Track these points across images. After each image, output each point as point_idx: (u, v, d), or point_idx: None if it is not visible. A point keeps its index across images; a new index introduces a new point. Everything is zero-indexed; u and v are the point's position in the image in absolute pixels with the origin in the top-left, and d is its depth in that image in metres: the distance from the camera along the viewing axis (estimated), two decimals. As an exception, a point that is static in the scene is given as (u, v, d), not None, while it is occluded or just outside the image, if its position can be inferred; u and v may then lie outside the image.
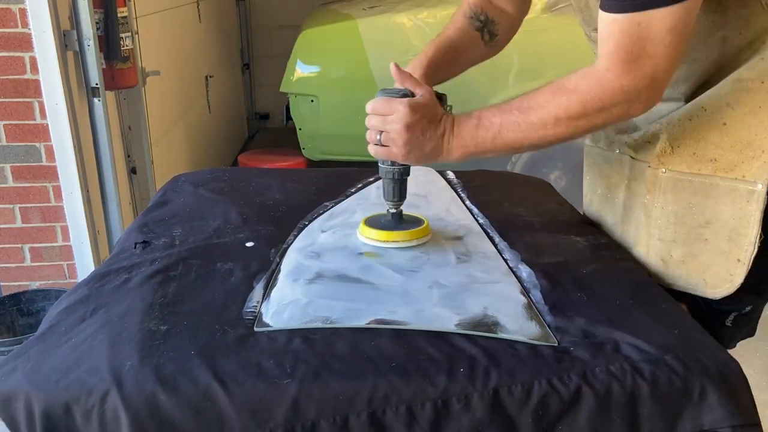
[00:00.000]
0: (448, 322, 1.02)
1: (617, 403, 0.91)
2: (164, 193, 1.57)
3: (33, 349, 0.95)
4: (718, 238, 1.19)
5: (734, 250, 1.17)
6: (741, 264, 1.17)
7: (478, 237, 1.34)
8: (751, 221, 1.14)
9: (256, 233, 1.31)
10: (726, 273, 1.19)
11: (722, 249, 1.19)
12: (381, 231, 1.27)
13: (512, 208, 1.50)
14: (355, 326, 1.00)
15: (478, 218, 1.45)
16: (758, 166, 1.13)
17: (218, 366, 0.89)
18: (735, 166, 1.15)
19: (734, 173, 1.15)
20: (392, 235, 1.26)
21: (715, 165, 1.17)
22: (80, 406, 0.86)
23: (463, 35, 1.40)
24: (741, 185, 1.15)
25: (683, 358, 0.94)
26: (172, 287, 1.09)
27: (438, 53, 1.36)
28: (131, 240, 1.28)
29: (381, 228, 1.27)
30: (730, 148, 1.15)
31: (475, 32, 1.41)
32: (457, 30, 1.41)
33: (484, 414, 0.89)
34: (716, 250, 1.19)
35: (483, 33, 1.42)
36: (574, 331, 1.01)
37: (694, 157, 1.19)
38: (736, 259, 1.17)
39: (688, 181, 1.20)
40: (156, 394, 0.85)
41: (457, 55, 1.40)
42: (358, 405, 0.87)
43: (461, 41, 1.40)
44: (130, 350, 0.91)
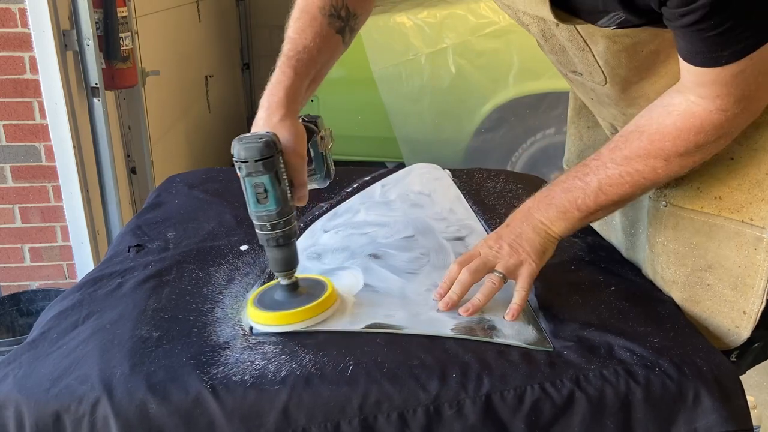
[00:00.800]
0: (444, 326, 1.01)
1: (610, 408, 0.90)
2: (158, 194, 1.56)
3: (24, 355, 0.95)
4: (722, 285, 1.09)
5: (740, 301, 1.07)
6: (747, 317, 1.07)
7: (479, 238, 1.33)
8: (759, 271, 1.04)
9: (250, 236, 1.31)
10: (731, 324, 1.09)
11: (726, 298, 1.09)
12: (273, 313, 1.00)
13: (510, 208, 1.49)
14: (351, 330, 1.00)
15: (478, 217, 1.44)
16: (767, 210, 1.04)
17: (209, 373, 0.89)
18: (742, 207, 1.06)
19: (740, 215, 1.06)
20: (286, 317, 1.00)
21: (720, 204, 1.08)
22: (71, 415, 0.85)
23: (323, 44, 1.14)
24: (748, 230, 1.05)
25: (678, 362, 0.94)
26: (166, 292, 1.09)
27: (297, 78, 1.09)
28: (125, 243, 1.28)
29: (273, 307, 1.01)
30: (738, 186, 1.06)
31: (336, 36, 1.18)
32: (316, 38, 1.13)
33: (477, 420, 0.88)
34: (720, 297, 1.09)
35: (344, 33, 1.19)
36: (568, 334, 1.00)
37: (698, 192, 1.10)
38: (742, 310, 1.07)
39: (690, 219, 1.12)
40: (146, 403, 0.85)
41: (318, 72, 1.15)
42: (349, 411, 0.87)
43: (320, 53, 1.14)
44: (122, 358, 0.91)
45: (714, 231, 1.09)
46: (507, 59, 3.18)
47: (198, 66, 4.11)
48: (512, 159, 3.32)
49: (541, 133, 3.27)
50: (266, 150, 0.93)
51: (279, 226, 0.97)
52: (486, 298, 1.05)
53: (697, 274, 1.12)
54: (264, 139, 0.93)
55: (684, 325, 1.06)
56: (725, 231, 1.07)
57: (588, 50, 1.08)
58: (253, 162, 0.93)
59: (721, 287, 1.09)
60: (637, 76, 1.09)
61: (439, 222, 1.39)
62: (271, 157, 0.93)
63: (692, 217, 1.11)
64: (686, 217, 1.12)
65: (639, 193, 1.04)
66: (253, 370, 0.90)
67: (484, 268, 1.06)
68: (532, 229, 1.07)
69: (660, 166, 1.00)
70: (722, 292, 1.09)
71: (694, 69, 0.93)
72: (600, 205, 1.05)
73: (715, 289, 1.10)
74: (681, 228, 1.13)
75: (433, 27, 3.15)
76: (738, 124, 0.97)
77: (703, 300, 1.12)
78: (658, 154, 0.99)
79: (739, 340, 1.09)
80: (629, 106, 1.16)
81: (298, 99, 1.08)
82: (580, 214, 1.06)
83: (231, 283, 1.13)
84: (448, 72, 3.22)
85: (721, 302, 1.10)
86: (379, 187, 1.61)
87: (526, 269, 1.06)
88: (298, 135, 1.01)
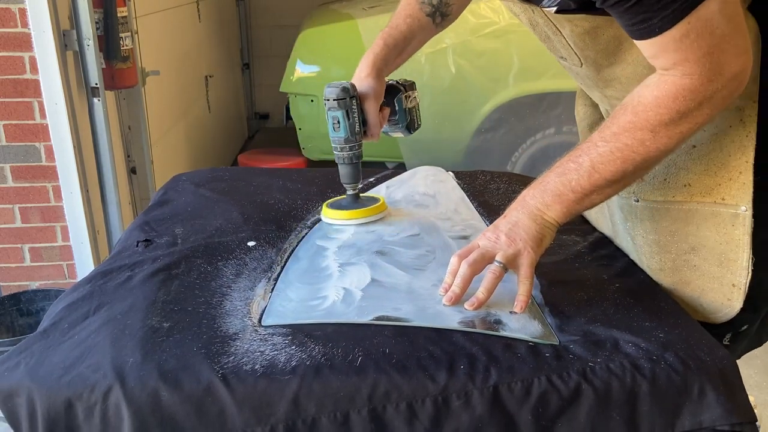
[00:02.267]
0: (450, 319, 1.02)
1: (617, 401, 0.91)
2: (165, 192, 1.57)
3: (36, 344, 0.96)
4: (708, 263, 1.13)
5: (727, 275, 1.11)
6: (737, 289, 1.11)
7: None
8: (740, 245, 1.09)
9: (257, 232, 1.32)
10: (723, 299, 1.13)
11: (714, 274, 1.13)
12: (341, 211, 1.37)
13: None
14: (359, 322, 1.01)
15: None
16: (738, 188, 1.07)
17: (220, 362, 0.89)
18: (712, 190, 1.10)
19: (712, 196, 1.10)
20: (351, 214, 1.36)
21: (691, 190, 1.12)
22: (82, 402, 0.86)
23: (412, 24, 1.35)
24: (722, 209, 1.09)
25: (683, 356, 0.95)
26: (175, 285, 1.10)
27: (386, 48, 1.33)
28: (133, 238, 1.28)
29: (340, 209, 1.38)
30: (704, 171, 1.10)
31: (426, 18, 1.36)
32: (407, 19, 1.35)
33: (484, 411, 0.89)
34: (708, 275, 1.14)
35: (435, 17, 1.37)
36: (573, 329, 1.01)
37: (666, 183, 1.14)
38: (731, 283, 1.11)
39: (665, 209, 1.16)
40: (158, 391, 0.86)
41: (406, 45, 1.36)
42: (358, 401, 0.88)
43: (410, 31, 1.35)
44: (133, 347, 0.92)
45: (690, 216, 1.13)
46: (507, 59, 3.18)
47: (198, 66, 4.12)
48: (512, 159, 3.33)
49: (541, 133, 3.27)
50: (341, 93, 1.26)
51: (346, 149, 1.30)
52: (488, 289, 1.05)
53: (683, 258, 1.16)
54: (342, 86, 1.26)
55: (687, 319, 1.07)
56: (701, 214, 1.11)
57: (560, 34, 1.14)
58: (331, 100, 1.26)
59: (707, 266, 1.13)
60: (605, 59, 1.13)
61: (444, 221, 1.40)
62: (344, 98, 1.26)
63: (667, 207, 1.15)
64: (660, 208, 1.16)
65: (632, 169, 1.02)
66: (263, 359, 0.90)
67: (483, 259, 1.06)
68: (528, 216, 1.07)
69: (648, 138, 1.00)
70: (709, 270, 1.13)
71: (642, 44, 0.97)
72: (594, 185, 1.04)
73: (702, 269, 1.14)
74: (657, 219, 1.17)
75: (433, 27, 3.16)
76: (716, 89, 0.96)
77: (692, 280, 1.16)
78: (644, 125, 0.99)
79: (733, 312, 1.13)
80: (606, 88, 1.20)
81: (383, 64, 1.32)
82: (574, 196, 1.05)
83: (239, 277, 1.14)
84: (448, 72, 3.22)
85: (710, 279, 1.13)
86: (384, 188, 1.61)
87: (525, 258, 1.06)
88: (374, 88, 1.29)
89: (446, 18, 1.39)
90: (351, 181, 1.35)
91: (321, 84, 3.55)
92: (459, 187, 1.62)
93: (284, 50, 3.67)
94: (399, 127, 1.41)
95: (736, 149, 1.07)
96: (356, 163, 1.32)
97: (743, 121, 1.07)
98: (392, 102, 1.36)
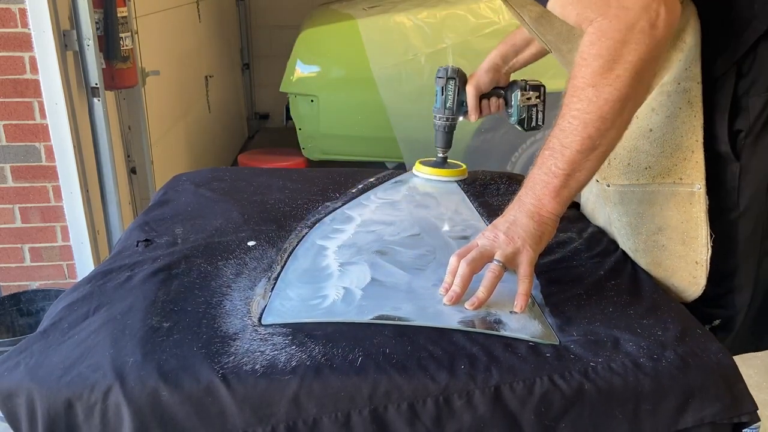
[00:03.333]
0: (450, 319, 1.02)
1: (619, 400, 0.91)
2: (165, 192, 1.57)
3: (35, 345, 0.95)
4: (674, 242, 1.18)
5: (690, 253, 1.17)
6: (700, 266, 1.16)
7: None
8: (698, 222, 1.14)
9: (257, 232, 1.31)
10: (689, 276, 1.18)
11: (680, 253, 1.18)
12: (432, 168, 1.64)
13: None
14: (358, 321, 1.01)
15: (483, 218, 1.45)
16: (692, 167, 1.13)
17: (220, 362, 0.89)
18: (670, 171, 1.15)
19: (671, 177, 1.15)
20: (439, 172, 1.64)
21: (651, 172, 1.17)
22: (82, 402, 0.86)
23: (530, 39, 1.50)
24: (680, 188, 1.14)
25: (682, 353, 0.95)
26: (175, 285, 1.09)
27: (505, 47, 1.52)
28: (133, 238, 1.28)
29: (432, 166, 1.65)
30: (661, 153, 1.15)
31: None
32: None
33: (486, 411, 0.89)
34: (675, 254, 1.19)
35: None
36: (573, 329, 1.01)
37: (629, 167, 1.19)
38: (695, 261, 1.17)
39: (631, 192, 1.21)
40: (158, 390, 0.86)
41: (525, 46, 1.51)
42: (359, 401, 0.88)
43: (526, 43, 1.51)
44: (133, 347, 0.92)
45: (653, 197, 1.18)
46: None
47: (198, 66, 4.12)
48: (512, 159, 3.32)
49: (541, 133, 3.26)
50: (441, 72, 1.55)
51: (436, 118, 1.59)
52: (488, 289, 1.05)
53: (653, 239, 1.21)
54: (446, 68, 1.54)
55: (682, 315, 1.07)
56: (662, 195, 1.17)
57: (522, 20, 1.26)
58: (436, 77, 1.55)
59: (673, 245, 1.19)
60: (564, 44, 1.21)
61: (445, 222, 1.41)
62: (442, 77, 1.54)
63: (633, 190, 1.20)
64: (628, 191, 1.21)
65: (596, 133, 1.01)
66: (263, 360, 0.90)
67: (482, 257, 1.07)
68: (525, 214, 1.07)
69: (592, 94, 0.99)
70: (675, 249, 1.19)
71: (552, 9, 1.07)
72: (571, 162, 1.03)
73: (669, 249, 1.20)
74: (626, 202, 1.23)
75: (433, 27, 3.16)
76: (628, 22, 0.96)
77: (662, 261, 1.21)
78: (582, 83, 1.00)
79: (699, 290, 1.18)
80: None
81: (500, 60, 1.53)
82: (559, 181, 1.04)
83: (239, 276, 1.13)
84: (449, 72, 3.22)
85: (676, 258, 1.19)
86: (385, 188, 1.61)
87: (524, 257, 1.06)
88: (479, 77, 1.52)
89: None
90: (439, 145, 1.62)
91: (321, 84, 3.57)
92: (459, 187, 1.62)
93: (284, 50, 3.67)
94: (513, 120, 1.60)
95: (687, 130, 1.12)
96: (445, 131, 1.59)
97: (690, 102, 1.11)
98: (508, 96, 1.56)
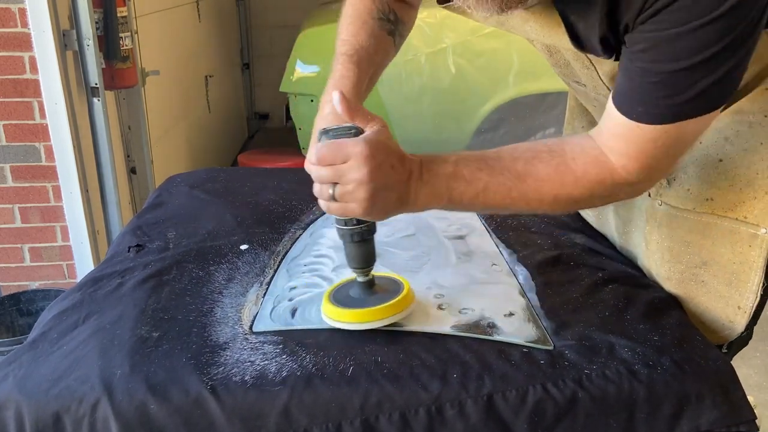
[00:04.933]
0: (444, 323, 1.01)
1: (613, 408, 0.90)
2: (159, 194, 1.56)
3: (24, 356, 0.95)
4: (717, 281, 1.10)
5: (734, 296, 1.08)
6: (742, 311, 1.08)
7: (480, 236, 1.34)
8: (753, 267, 1.05)
9: (250, 235, 1.31)
10: (725, 319, 1.10)
11: (721, 293, 1.10)
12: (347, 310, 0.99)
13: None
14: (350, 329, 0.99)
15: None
16: (761, 209, 1.04)
17: (209, 373, 0.89)
18: (735, 207, 1.06)
19: (734, 213, 1.06)
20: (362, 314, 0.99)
21: (713, 204, 1.08)
22: (70, 416, 0.85)
23: (377, 44, 1.15)
24: (742, 227, 1.06)
25: (679, 360, 0.94)
26: (165, 292, 1.09)
27: (361, 74, 1.10)
28: (125, 243, 1.27)
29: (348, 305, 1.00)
30: (729, 187, 1.06)
31: (388, 37, 1.19)
32: (370, 38, 1.14)
33: (479, 420, 0.88)
34: (714, 293, 1.11)
35: (394, 36, 1.20)
36: (569, 334, 1.00)
37: (689, 193, 1.11)
38: (737, 306, 1.08)
39: (683, 218, 1.12)
40: (147, 403, 0.85)
41: (375, 70, 1.15)
42: (350, 412, 0.87)
43: (376, 52, 1.15)
44: (122, 358, 0.91)
45: (708, 229, 1.09)
46: (507, 59, 3.17)
47: (198, 66, 4.11)
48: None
49: (541, 133, 3.26)
50: None
51: (363, 221, 0.95)
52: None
53: (692, 271, 1.12)
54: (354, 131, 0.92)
55: (681, 321, 1.06)
56: (719, 229, 1.08)
57: (593, 68, 1.09)
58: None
59: (716, 283, 1.10)
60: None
61: (440, 221, 1.39)
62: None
63: (686, 216, 1.11)
64: (680, 216, 1.12)
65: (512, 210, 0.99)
66: (253, 370, 0.89)
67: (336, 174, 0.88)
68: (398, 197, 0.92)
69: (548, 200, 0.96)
70: (717, 288, 1.10)
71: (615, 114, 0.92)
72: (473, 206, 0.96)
73: (709, 286, 1.11)
74: (675, 226, 1.13)
75: (433, 27, 3.15)
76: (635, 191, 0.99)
77: (697, 296, 1.13)
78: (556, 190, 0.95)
79: (734, 334, 1.11)
80: None
81: (361, 94, 1.09)
82: (447, 204, 0.95)
83: (231, 282, 1.13)
84: (448, 72, 3.21)
85: (715, 298, 1.10)
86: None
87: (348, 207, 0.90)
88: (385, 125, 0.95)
89: (401, 39, 1.23)
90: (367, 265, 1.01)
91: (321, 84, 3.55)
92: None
93: (284, 50, 3.66)
94: None
95: (765, 168, 1.03)
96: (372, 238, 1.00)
97: None
98: None
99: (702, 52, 0.82)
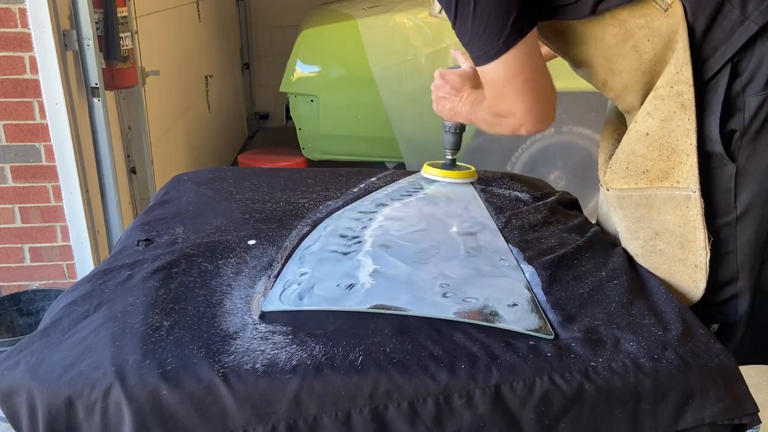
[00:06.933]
0: (446, 310, 1.03)
1: (619, 400, 0.91)
2: (166, 192, 1.57)
3: (36, 343, 0.95)
4: (671, 247, 1.20)
5: (689, 257, 1.18)
6: (699, 269, 1.18)
7: (491, 234, 1.35)
8: (696, 226, 1.16)
9: (258, 231, 1.31)
10: (689, 280, 1.20)
11: (678, 257, 1.20)
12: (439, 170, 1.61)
13: (513, 207, 1.50)
14: (357, 310, 1.02)
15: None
16: (687, 170, 1.14)
17: (220, 361, 0.89)
18: (667, 174, 1.17)
19: (668, 181, 1.17)
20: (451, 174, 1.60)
21: (649, 176, 1.19)
22: (83, 401, 0.86)
23: None
24: (677, 192, 1.16)
25: (683, 354, 0.95)
26: (175, 284, 1.09)
27: None
28: (133, 238, 1.28)
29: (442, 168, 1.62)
30: (658, 157, 1.17)
31: None
32: None
33: (487, 410, 0.89)
34: (673, 258, 1.20)
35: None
36: (575, 327, 1.01)
37: (628, 171, 1.21)
38: (694, 264, 1.18)
39: (629, 196, 1.23)
40: (159, 389, 0.86)
41: None
42: (360, 400, 0.88)
43: None
44: (133, 345, 0.92)
45: (651, 201, 1.20)
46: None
47: (198, 66, 4.11)
48: (512, 159, 3.32)
49: (541, 133, 3.27)
50: None
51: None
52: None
53: (649, 243, 1.23)
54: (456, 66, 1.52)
55: (684, 315, 1.07)
56: (660, 199, 1.19)
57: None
58: None
59: (671, 249, 1.20)
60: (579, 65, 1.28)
61: (453, 218, 1.41)
62: None
63: (630, 194, 1.22)
64: (626, 195, 1.23)
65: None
66: (264, 358, 0.90)
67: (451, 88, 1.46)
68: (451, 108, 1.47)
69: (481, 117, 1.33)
70: (673, 253, 1.20)
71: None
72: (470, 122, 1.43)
73: (666, 253, 1.21)
74: (625, 206, 1.25)
75: (433, 27, 3.16)
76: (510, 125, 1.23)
77: (660, 265, 1.23)
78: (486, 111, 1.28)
79: (699, 293, 1.20)
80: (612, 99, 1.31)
81: None
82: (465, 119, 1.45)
83: (239, 275, 1.14)
84: (449, 72, 3.21)
85: (674, 262, 1.21)
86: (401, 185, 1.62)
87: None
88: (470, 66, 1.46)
89: None
90: (449, 147, 1.59)
91: (321, 84, 3.57)
92: (471, 186, 1.61)
93: (284, 50, 3.67)
94: None
95: (681, 133, 1.14)
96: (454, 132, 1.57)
97: (684, 106, 1.13)
98: None
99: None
